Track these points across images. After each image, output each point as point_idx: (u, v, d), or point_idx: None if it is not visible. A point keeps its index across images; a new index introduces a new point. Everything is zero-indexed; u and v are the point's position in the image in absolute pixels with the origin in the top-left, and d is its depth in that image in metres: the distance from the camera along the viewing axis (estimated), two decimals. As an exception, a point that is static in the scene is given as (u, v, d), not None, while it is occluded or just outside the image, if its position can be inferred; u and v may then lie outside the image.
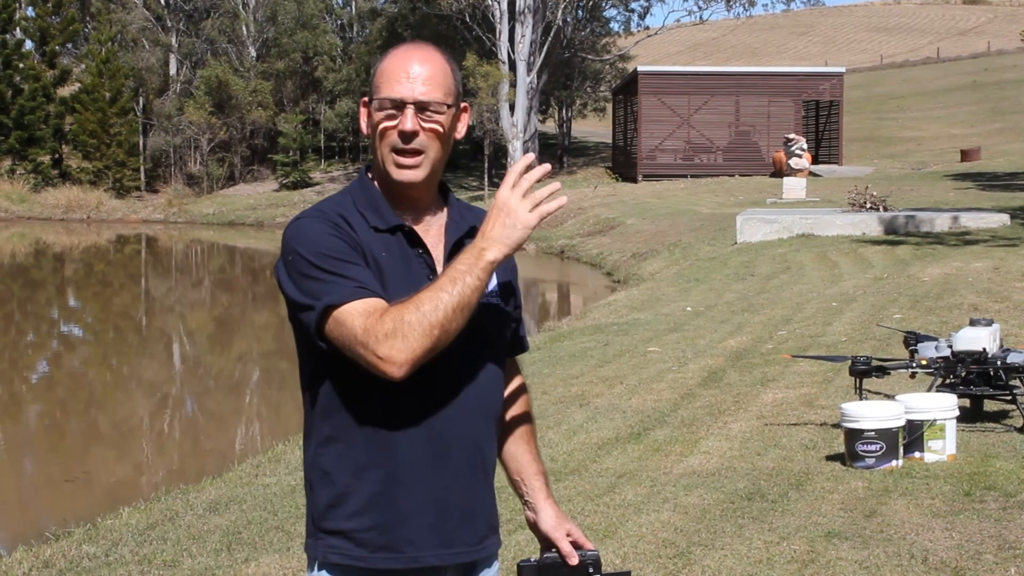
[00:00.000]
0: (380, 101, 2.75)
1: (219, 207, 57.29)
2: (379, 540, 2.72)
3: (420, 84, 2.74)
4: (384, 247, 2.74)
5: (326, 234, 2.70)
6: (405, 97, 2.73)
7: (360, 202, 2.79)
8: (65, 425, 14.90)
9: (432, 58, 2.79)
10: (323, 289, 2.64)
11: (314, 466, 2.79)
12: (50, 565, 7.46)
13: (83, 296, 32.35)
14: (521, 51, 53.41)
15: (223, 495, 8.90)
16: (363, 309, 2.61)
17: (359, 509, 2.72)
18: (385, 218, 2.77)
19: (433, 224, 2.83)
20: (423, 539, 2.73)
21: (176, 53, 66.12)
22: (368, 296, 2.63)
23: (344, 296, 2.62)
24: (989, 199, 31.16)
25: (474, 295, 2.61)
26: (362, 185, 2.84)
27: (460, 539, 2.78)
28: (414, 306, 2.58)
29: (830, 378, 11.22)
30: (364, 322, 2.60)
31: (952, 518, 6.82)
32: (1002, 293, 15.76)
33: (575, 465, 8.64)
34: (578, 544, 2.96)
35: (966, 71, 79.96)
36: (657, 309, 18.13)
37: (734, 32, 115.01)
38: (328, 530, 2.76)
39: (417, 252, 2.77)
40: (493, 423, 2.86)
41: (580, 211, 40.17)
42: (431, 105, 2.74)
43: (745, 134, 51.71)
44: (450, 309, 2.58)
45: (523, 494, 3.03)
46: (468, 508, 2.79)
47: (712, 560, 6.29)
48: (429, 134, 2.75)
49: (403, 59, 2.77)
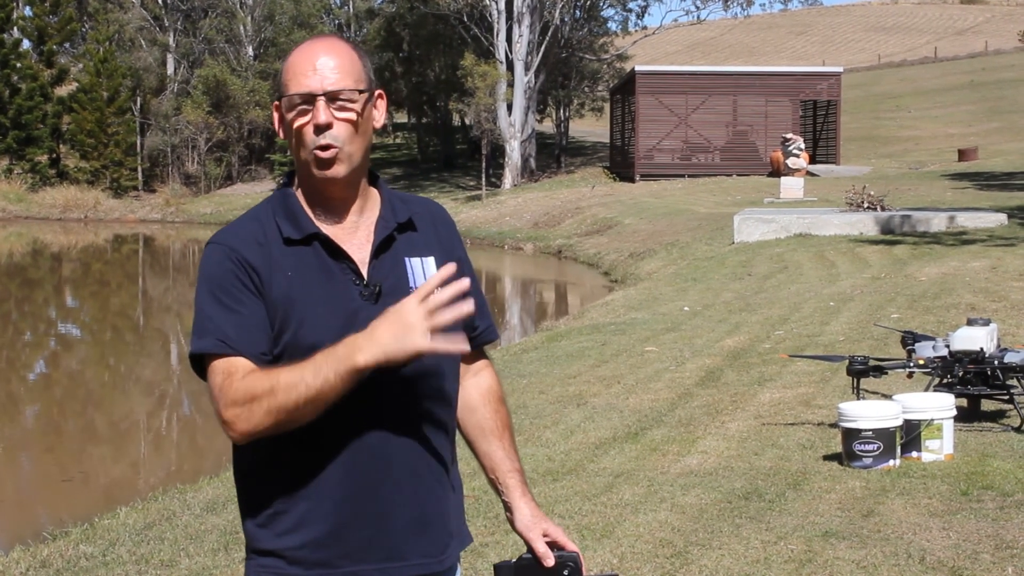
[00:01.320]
0: (289, 98, 2.65)
1: (217, 207, 57.26)
2: (313, 557, 2.62)
3: (328, 74, 2.64)
4: (297, 262, 2.64)
5: (224, 267, 2.63)
6: (314, 89, 2.63)
7: (278, 211, 2.70)
8: (62, 425, 14.90)
9: (337, 47, 2.69)
10: (200, 330, 2.62)
11: (244, 486, 2.71)
12: (47, 565, 7.46)
13: (80, 296, 32.34)
14: (519, 51, 53.43)
15: (220, 494, 8.89)
16: (222, 368, 2.57)
17: (290, 527, 2.63)
18: (301, 226, 2.67)
19: (362, 223, 2.72)
20: (362, 553, 2.63)
21: (174, 53, 66.10)
22: (228, 355, 2.57)
23: (206, 348, 2.59)
24: (986, 199, 31.17)
25: (331, 393, 2.49)
26: (282, 194, 2.74)
27: (415, 550, 2.67)
28: (269, 385, 2.51)
29: (827, 378, 11.22)
30: (220, 381, 2.56)
31: (949, 518, 6.83)
32: (999, 293, 15.77)
33: (572, 465, 8.64)
34: (558, 544, 2.84)
35: (964, 71, 80.00)
36: (654, 309, 18.14)
37: (732, 32, 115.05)
38: (260, 550, 2.67)
39: (338, 262, 2.66)
40: (442, 424, 2.73)
41: (577, 211, 40.16)
42: (342, 94, 2.64)
43: (743, 134, 51.70)
44: (301, 400, 2.49)
45: (499, 493, 2.92)
46: (418, 518, 2.68)
47: (709, 560, 6.28)
48: (343, 124, 2.64)
49: (308, 53, 2.68)
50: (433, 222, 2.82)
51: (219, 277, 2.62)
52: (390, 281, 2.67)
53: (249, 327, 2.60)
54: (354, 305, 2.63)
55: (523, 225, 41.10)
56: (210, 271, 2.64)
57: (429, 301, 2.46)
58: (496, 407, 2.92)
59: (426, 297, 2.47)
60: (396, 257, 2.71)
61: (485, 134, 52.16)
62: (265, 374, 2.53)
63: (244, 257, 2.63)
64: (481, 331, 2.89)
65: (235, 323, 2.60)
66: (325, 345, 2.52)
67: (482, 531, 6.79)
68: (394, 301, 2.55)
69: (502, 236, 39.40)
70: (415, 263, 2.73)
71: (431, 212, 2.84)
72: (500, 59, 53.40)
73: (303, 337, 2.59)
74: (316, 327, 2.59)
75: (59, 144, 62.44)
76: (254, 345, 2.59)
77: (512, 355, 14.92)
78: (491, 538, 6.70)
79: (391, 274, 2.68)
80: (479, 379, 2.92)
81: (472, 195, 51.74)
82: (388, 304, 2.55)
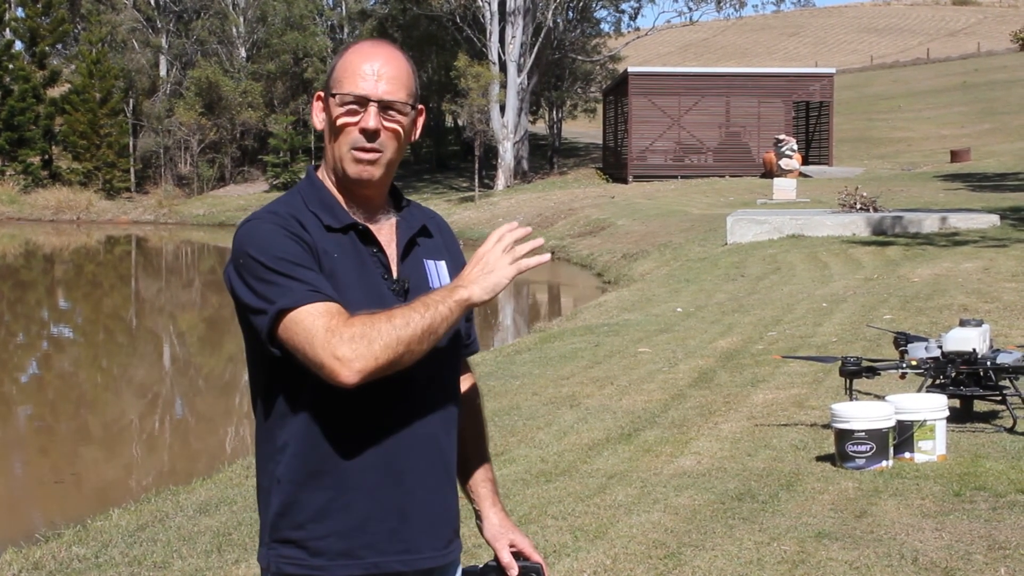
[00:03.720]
0: (342, 96, 2.69)
1: (209, 208, 57.25)
2: (337, 547, 2.65)
3: (385, 83, 2.69)
4: (337, 247, 2.68)
5: (279, 236, 2.63)
6: (370, 95, 2.68)
7: (312, 202, 2.73)
8: (55, 426, 14.87)
9: (396, 57, 2.73)
10: (277, 292, 2.57)
11: (267, 474, 2.73)
12: (40, 567, 7.44)
13: (73, 297, 32.29)
14: (512, 52, 53.44)
15: (213, 496, 8.88)
16: (324, 310, 2.55)
17: (314, 516, 2.65)
18: (338, 217, 2.71)
19: (385, 224, 2.78)
20: (385, 544, 2.67)
21: (166, 54, 66.07)
22: (324, 300, 2.57)
23: (299, 299, 2.56)
24: (979, 200, 31.21)
25: (443, 324, 2.57)
26: (312, 185, 2.77)
27: (426, 544, 2.72)
28: (386, 317, 2.54)
29: (820, 379, 11.23)
30: (327, 322, 2.53)
31: (942, 518, 6.83)
32: (992, 294, 15.79)
33: (565, 466, 8.64)
34: (524, 555, 2.92)
35: (956, 72, 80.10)
36: (647, 310, 18.13)
37: (724, 33, 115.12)
38: (282, 539, 2.69)
39: (371, 251, 2.72)
40: (452, 424, 2.80)
41: (571, 212, 40.18)
42: (395, 105, 2.70)
43: (735, 135, 51.74)
44: (419, 330, 2.53)
45: (471, 500, 3.00)
46: (433, 512, 2.74)
47: (702, 561, 6.29)
48: (389, 134, 2.70)
49: (367, 55, 2.71)
50: (440, 230, 2.92)
51: (281, 245, 2.63)
52: (414, 280, 2.75)
53: (325, 282, 2.62)
54: (385, 296, 2.69)
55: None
56: (268, 242, 2.64)
57: (504, 239, 2.62)
58: (474, 416, 3.02)
59: (500, 239, 2.62)
60: (417, 258, 2.80)
61: (478, 135, 52.17)
62: (374, 314, 2.56)
63: (295, 232, 2.65)
64: (472, 341, 2.98)
65: (315, 277, 2.61)
66: None
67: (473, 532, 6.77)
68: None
69: (495, 237, 39.35)
70: (431, 265, 2.81)
71: (436, 221, 2.94)
72: (493, 60, 53.43)
73: None
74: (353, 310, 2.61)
75: (51, 145, 62.40)
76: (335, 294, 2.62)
77: (505, 356, 14.91)
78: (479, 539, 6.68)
79: (414, 273, 2.77)
80: (462, 387, 2.98)
81: (465, 196, 51.74)
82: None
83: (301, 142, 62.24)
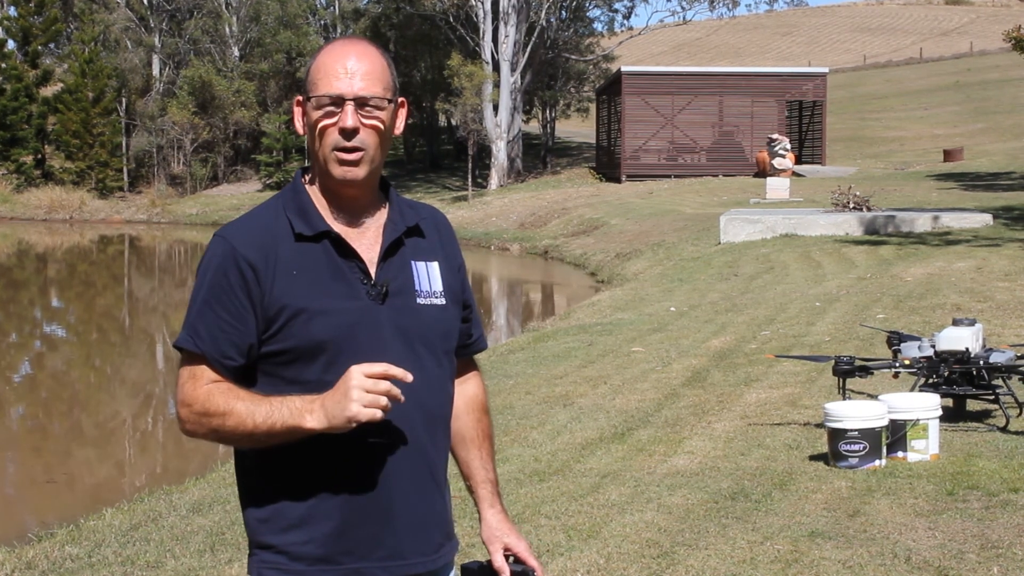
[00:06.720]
0: (318, 99, 2.68)
1: (202, 207, 57.18)
2: (316, 553, 2.64)
3: (359, 79, 2.67)
4: (306, 260, 2.66)
5: (219, 273, 2.67)
6: (344, 93, 2.66)
7: (289, 207, 2.72)
8: (47, 425, 14.85)
9: (369, 53, 2.71)
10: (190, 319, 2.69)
11: (247, 481, 2.73)
12: (32, 566, 7.43)
13: (66, 296, 32.25)
14: (505, 51, 53.43)
15: (206, 496, 8.87)
16: (190, 371, 2.67)
17: (294, 522, 2.65)
18: (313, 223, 2.69)
19: (372, 224, 2.75)
20: (366, 550, 2.65)
21: (159, 53, 65.95)
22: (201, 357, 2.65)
23: (179, 342, 2.68)
24: (972, 199, 31.26)
25: (272, 440, 2.60)
26: (294, 189, 2.77)
27: (412, 550, 2.71)
28: (225, 409, 2.60)
29: (813, 378, 11.24)
30: (184, 381, 2.67)
31: (935, 517, 6.84)
32: (985, 293, 15.81)
33: (559, 465, 8.64)
34: (518, 558, 2.91)
35: (949, 71, 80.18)
36: (641, 309, 18.14)
37: (717, 32, 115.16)
38: (263, 545, 2.69)
39: (347, 260, 2.69)
40: (439, 427, 2.78)
41: (564, 211, 40.18)
42: (371, 100, 2.67)
43: (729, 134, 51.75)
44: (246, 434, 2.60)
45: (474, 501, 3.02)
46: (418, 517, 2.72)
47: (696, 560, 6.29)
48: (369, 130, 2.68)
49: (339, 54, 2.70)
50: (437, 229, 2.87)
51: (212, 274, 2.67)
52: (397, 283, 2.71)
53: (223, 331, 2.65)
54: (361, 304, 2.66)
55: (509, 226, 41.10)
56: (206, 266, 2.69)
57: (376, 371, 2.54)
58: (479, 416, 2.99)
59: (373, 373, 2.53)
60: (404, 260, 2.75)
61: (471, 134, 52.12)
62: (224, 395, 2.61)
63: (244, 255, 2.65)
64: (475, 339, 2.96)
65: (209, 324, 2.65)
66: (333, 342, 2.61)
67: (468, 531, 6.78)
68: (401, 302, 2.66)
69: (488, 237, 39.40)
70: (420, 267, 2.77)
71: (435, 219, 2.89)
72: (486, 60, 53.40)
73: (311, 334, 2.63)
74: (324, 324, 2.63)
75: (44, 145, 62.30)
76: (220, 350, 2.65)
77: (499, 356, 14.91)
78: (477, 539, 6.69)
79: (399, 276, 2.72)
80: (466, 387, 2.98)
81: (458, 196, 51.72)
82: (395, 304, 2.66)
83: (294, 141, 62.09)
